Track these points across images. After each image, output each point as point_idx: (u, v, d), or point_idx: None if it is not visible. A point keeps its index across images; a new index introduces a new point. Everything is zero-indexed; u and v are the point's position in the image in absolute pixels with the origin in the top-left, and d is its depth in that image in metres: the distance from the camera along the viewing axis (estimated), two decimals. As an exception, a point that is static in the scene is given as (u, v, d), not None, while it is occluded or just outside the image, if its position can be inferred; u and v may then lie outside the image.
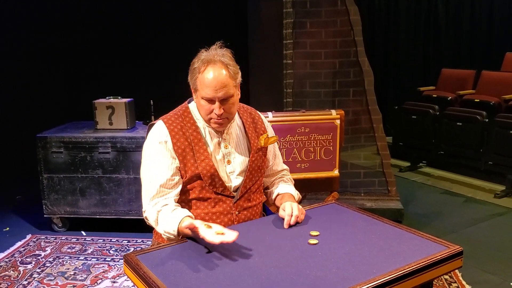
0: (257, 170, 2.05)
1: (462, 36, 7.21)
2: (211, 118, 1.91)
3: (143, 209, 1.94)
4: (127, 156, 3.75)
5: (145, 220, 1.95)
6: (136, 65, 5.41)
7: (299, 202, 2.07)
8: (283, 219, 1.90)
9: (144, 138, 3.87)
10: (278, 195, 2.13)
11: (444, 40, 7.24)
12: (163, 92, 4.78)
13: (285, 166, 2.27)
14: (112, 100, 3.94)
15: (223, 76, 1.84)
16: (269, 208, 2.99)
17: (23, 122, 4.95)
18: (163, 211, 1.87)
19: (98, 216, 3.88)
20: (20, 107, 5.10)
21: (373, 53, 6.03)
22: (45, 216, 3.91)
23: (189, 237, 1.78)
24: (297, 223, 1.89)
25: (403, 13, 7.13)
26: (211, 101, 1.87)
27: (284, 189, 2.14)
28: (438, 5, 7.13)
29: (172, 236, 1.82)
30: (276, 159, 2.20)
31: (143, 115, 4.11)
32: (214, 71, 1.84)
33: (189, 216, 1.82)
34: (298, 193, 2.16)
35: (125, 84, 4.85)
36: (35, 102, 5.10)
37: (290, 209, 1.90)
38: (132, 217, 3.82)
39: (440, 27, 7.20)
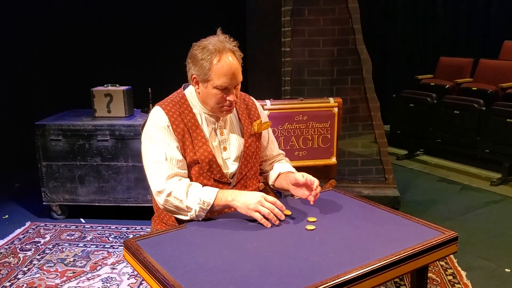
0: (251, 156, 2.07)
1: (460, 25, 7.19)
2: (222, 106, 1.92)
3: (158, 189, 1.85)
4: (126, 144, 3.76)
5: (160, 195, 1.84)
6: (134, 52, 5.40)
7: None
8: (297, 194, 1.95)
9: (142, 126, 3.85)
10: (279, 174, 2.13)
11: (442, 29, 7.21)
12: (161, 80, 4.77)
13: (281, 151, 2.30)
14: (110, 87, 3.94)
15: (236, 63, 1.88)
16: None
17: (21, 110, 4.95)
18: (194, 185, 1.86)
19: (97, 204, 3.89)
20: (18, 95, 5.08)
21: (371, 41, 6.02)
22: (44, 203, 3.93)
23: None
24: (293, 211, 1.89)
25: (401, 1, 7.10)
26: (225, 89, 1.88)
27: (284, 168, 2.14)
28: (436, -6, 7.11)
29: (203, 208, 1.80)
30: (270, 144, 2.22)
31: (141, 103, 4.11)
32: (229, 60, 1.85)
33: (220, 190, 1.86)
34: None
35: (123, 72, 4.83)
36: (33, 90, 5.09)
37: (303, 179, 1.91)
38: (131, 205, 3.84)
39: (438, 15, 7.17)
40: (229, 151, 2.03)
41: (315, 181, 1.90)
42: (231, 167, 2.02)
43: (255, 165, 2.10)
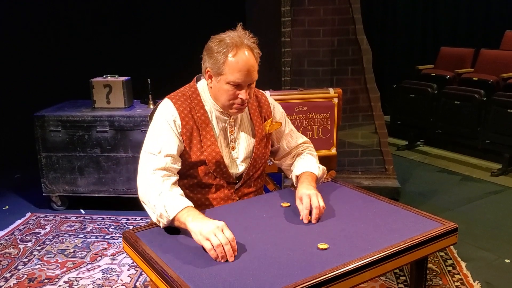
0: (261, 157, 2.02)
1: (461, 14, 7.15)
2: (233, 104, 1.86)
3: (142, 179, 1.78)
4: (125, 135, 3.75)
5: (142, 186, 1.77)
6: (133, 43, 5.37)
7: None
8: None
9: (141, 117, 3.87)
10: (296, 177, 1.98)
11: (443, 18, 7.18)
12: (160, 71, 4.76)
13: (302, 139, 2.17)
14: (109, 78, 3.92)
15: (253, 60, 1.82)
16: (267, 187, 3.01)
17: (20, 101, 4.93)
18: (174, 191, 1.74)
19: (97, 195, 3.90)
20: (17, 86, 5.07)
21: (372, 31, 5.98)
22: (44, 194, 3.93)
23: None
24: (292, 203, 1.84)
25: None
26: (238, 86, 1.82)
27: (301, 167, 1.99)
28: (437, -17, 7.07)
29: (164, 217, 1.65)
30: (287, 137, 2.12)
31: (140, 94, 4.10)
32: (245, 56, 1.79)
33: (191, 206, 1.68)
34: (322, 167, 2.02)
35: (123, 63, 4.82)
36: (32, 81, 5.08)
37: (307, 200, 1.72)
38: (130, 196, 3.84)
39: (439, 5, 7.13)
40: (237, 151, 1.98)
41: (315, 210, 1.70)
42: (239, 167, 1.98)
43: (262, 166, 2.06)
